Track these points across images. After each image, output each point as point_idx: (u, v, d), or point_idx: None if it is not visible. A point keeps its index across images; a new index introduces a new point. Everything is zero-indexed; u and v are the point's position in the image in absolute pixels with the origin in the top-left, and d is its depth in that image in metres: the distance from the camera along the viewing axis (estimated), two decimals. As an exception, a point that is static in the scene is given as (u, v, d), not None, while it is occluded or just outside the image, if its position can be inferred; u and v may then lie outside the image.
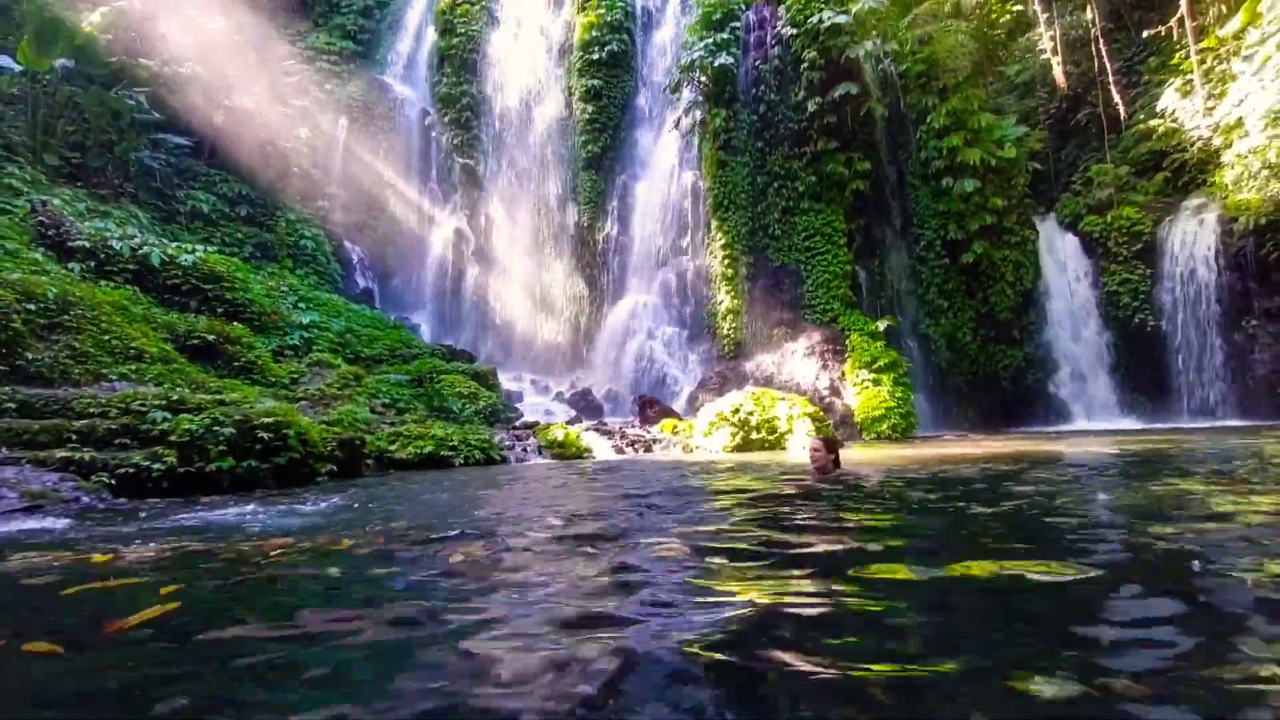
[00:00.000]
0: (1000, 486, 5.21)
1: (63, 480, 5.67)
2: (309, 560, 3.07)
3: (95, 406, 6.81)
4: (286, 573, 2.83)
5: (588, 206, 20.27)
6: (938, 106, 16.73)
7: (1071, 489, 4.99)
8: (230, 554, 3.23)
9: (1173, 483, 4.89)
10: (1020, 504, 4.14)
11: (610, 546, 3.07)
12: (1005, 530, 3.30)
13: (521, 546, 3.18)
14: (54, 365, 8.09)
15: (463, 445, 9.43)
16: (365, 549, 3.26)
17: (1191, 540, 2.77)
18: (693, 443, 11.58)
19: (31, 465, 5.80)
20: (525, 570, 2.64)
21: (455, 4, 22.35)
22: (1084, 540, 2.89)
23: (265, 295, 14.49)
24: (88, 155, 15.44)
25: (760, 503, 4.72)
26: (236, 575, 2.78)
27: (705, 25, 18.04)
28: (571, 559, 2.84)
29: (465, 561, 2.84)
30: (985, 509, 3.98)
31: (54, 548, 3.61)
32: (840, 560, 2.62)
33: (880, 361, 15.08)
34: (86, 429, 6.47)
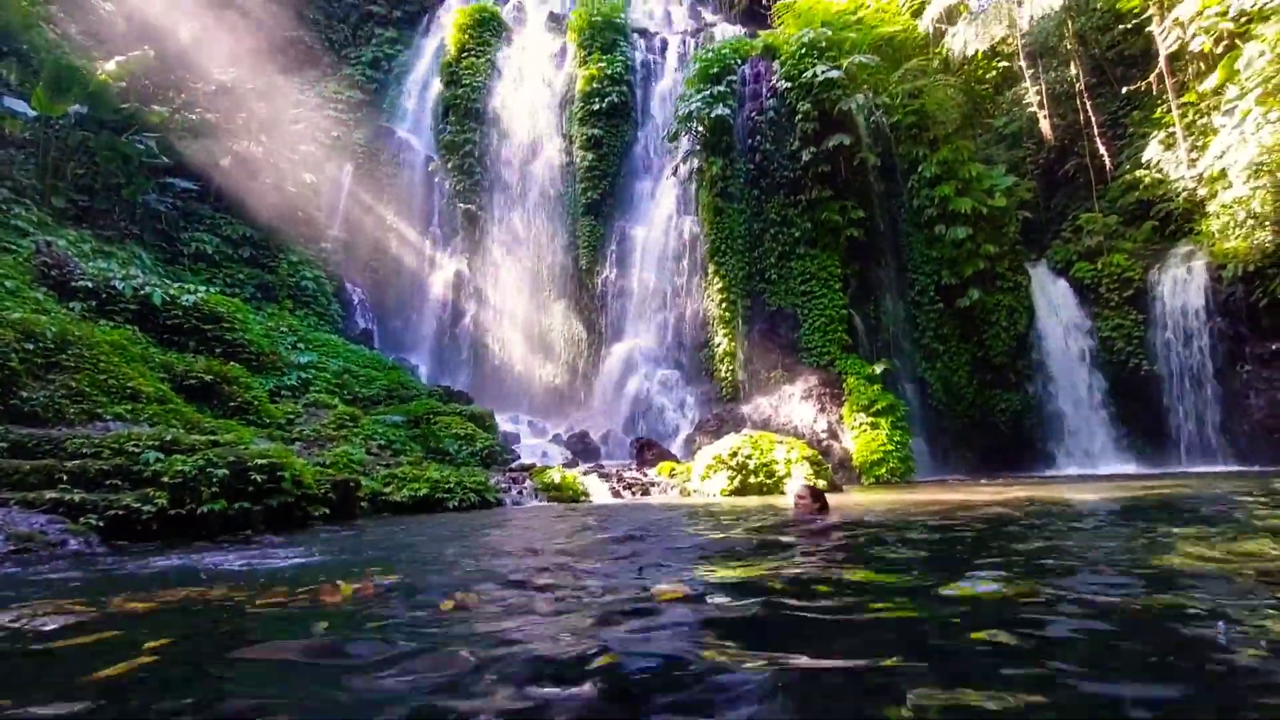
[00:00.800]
0: (998, 540, 5.15)
1: (51, 523, 5.59)
2: (286, 616, 3.02)
3: (88, 446, 6.76)
4: (254, 625, 2.78)
5: (587, 250, 20.55)
6: (928, 157, 17.15)
7: (1070, 550, 4.93)
8: (209, 605, 3.18)
9: (1185, 548, 4.84)
10: (1033, 570, 4.09)
11: (604, 611, 3.00)
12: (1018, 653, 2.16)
13: (507, 603, 3.11)
14: (49, 405, 8.06)
15: (458, 488, 9.34)
16: (347, 604, 3.20)
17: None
18: (690, 486, 11.48)
19: (20, 507, 5.73)
20: (509, 629, 2.53)
21: (461, 56, 23.08)
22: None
23: (264, 335, 14.55)
24: (95, 198, 15.70)
25: (755, 555, 4.65)
26: (219, 629, 2.73)
27: (703, 78, 18.62)
28: (554, 626, 2.59)
29: (456, 613, 2.78)
30: (990, 577, 3.92)
31: (36, 595, 3.55)
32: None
33: (878, 405, 15.07)
34: (78, 469, 6.41)
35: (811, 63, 17.00)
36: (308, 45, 25.54)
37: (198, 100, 17.80)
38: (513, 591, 3.24)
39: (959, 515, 6.53)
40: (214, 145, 17.65)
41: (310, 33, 25.85)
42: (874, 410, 14.99)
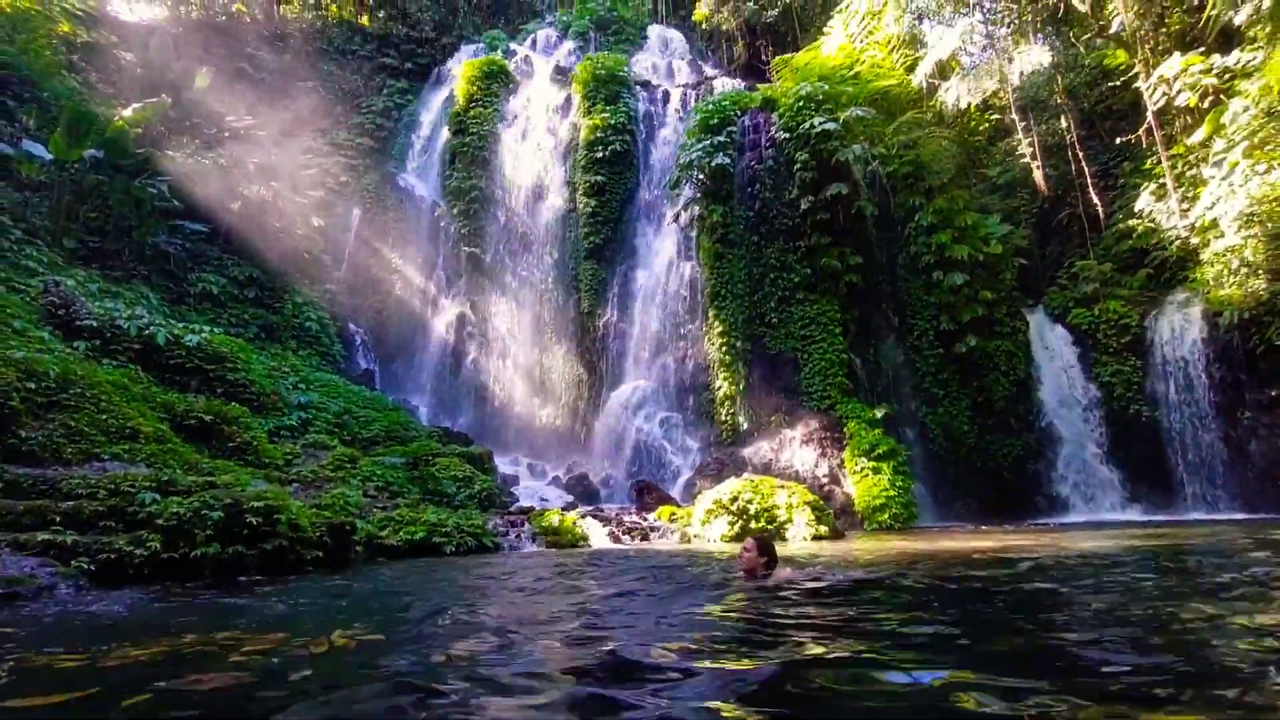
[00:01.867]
0: (993, 596, 5.01)
1: (42, 565, 5.53)
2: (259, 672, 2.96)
3: (84, 487, 6.73)
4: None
5: (589, 294, 20.75)
6: (925, 205, 17.47)
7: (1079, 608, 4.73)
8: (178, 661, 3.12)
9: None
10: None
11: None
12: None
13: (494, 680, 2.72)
14: (47, 444, 8.05)
15: (455, 532, 9.23)
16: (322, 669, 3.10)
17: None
18: (690, 531, 11.33)
19: (11, 549, 5.67)
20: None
21: (469, 106, 23.75)
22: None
23: (266, 375, 14.59)
24: (106, 239, 15.97)
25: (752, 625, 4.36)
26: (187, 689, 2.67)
27: (703, 128, 19.12)
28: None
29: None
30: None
31: (18, 644, 3.49)
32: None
33: (879, 449, 14.98)
34: (73, 510, 6.36)
35: (809, 115, 17.48)
36: (321, 94, 26.32)
37: (210, 146, 18.26)
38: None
39: (952, 571, 6.40)
40: (225, 189, 18.02)
41: (324, 82, 26.69)
42: (875, 455, 14.89)
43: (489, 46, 27.91)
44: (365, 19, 31.01)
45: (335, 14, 31.00)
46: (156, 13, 30.69)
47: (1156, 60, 16.20)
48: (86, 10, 22.68)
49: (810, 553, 8.78)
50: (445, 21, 31.03)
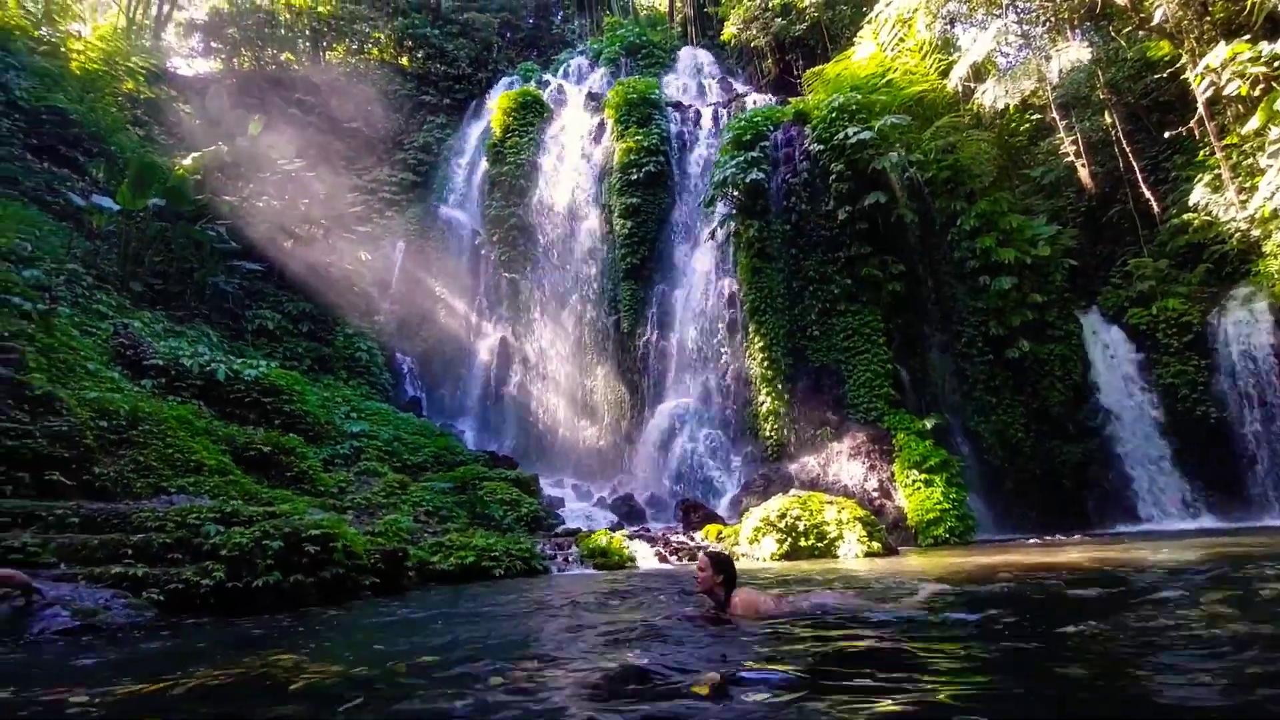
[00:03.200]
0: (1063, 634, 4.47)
1: (115, 597, 5.78)
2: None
3: (153, 520, 7.03)
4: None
5: (628, 314, 20.88)
6: (967, 210, 17.08)
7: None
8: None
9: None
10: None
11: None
12: None
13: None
14: (119, 479, 8.47)
15: (504, 556, 9.31)
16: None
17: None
18: (738, 550, 11.17)
19: (87, 582, 5.95)
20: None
21: (506, 137, 24.37)
22: None
23: (320, 406, 15.07)
24: (169, 281, 16.84)
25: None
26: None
27: (736, 145, 19.17)
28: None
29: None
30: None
31: (92, 677, 3.65)
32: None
33: (931, 461, 14.56)
34: (143, 543, 6.66)
35: (843, 125, 17.36)
36: (365, 134, 27.40)
37: (264, 189, 19.14)
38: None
39: (1030, 591, 6.14)
40: (278, 229, 18.84)
41: (367, 123, 27.77)
42: (927, 467, 14.47)
43: (523, 78, 28.66)
44: (405, 60, 32.23)
45: (376, 56, 32.31)
46: (212, 66, 32.55)
47: (1202, 50, 15.58)
48: (149, 68, 24.19)
49: (852, 571, 8.56)
50: (481, 57, 32.01)
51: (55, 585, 5.63)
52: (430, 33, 31.54)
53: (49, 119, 18.39)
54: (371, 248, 22.51)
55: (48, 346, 10.10)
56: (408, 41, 31.96)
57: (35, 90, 18.73)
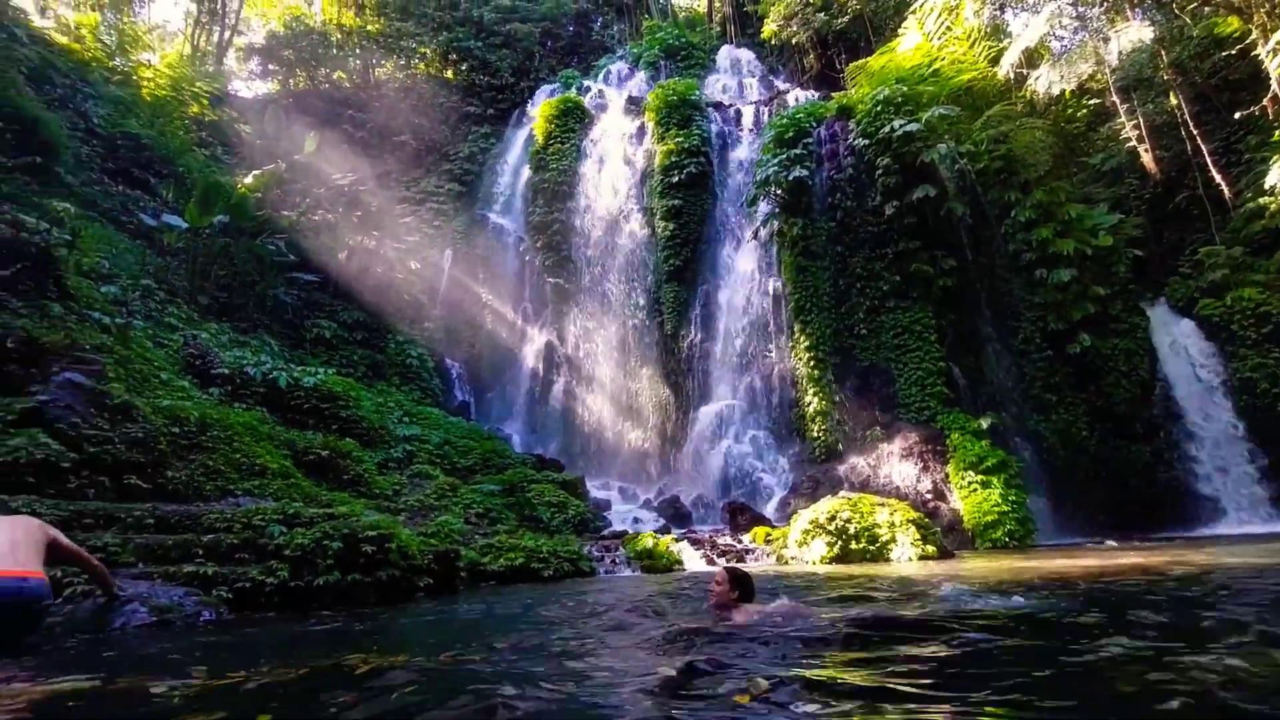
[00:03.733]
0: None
1: (188, 595, 6.09)
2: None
3: (221, 521, 7.38)
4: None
5: (672, 316, 20.88)
6: (1021, 201, 16.50)
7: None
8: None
9: None
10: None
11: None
12: None
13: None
14: (190, 482, 8.92)
15: (552, 557, 9.43)
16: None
17: None
18: (787, 553, 11.03)
19: (162, 580, 6.29)
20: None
21: (548, 144, 24.71)
22: None
23: (374, 411, 15.54)
24: (233, 294, 17.65)
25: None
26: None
27: (778, 143, 18.98)
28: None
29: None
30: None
31: (170, 669, 3.84)
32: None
33: (987, 462, 14.10)
34: (213, 543, 6.99)
35: (889, 118, 17.00)
36: (413, 147, 28.22)
37: (319, 203, 19.90)
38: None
39: (1100, 595, 5.89)
40: (333, 241, 19.56)
41: (414, 136, 28.58)
42: (984, 468, 14.01)
43: (564, 85, 29.01)
44: (450, 73, 33.04)
45: (423, 70, 33.19)
46: (269, 87, 34.01)
47: (1274, 25, 14.68)
48: (212, 92, 25.45)
49: (904, 574, 8.34)
50: (523, 66, 32.57)
51: (134, 583, 5.96)
52: (474, 45, 32.26)
53: (123, 144, 19.55)
54: (420, 257, 23.13)
55: (125, 358, 10.72)
56: (452, 55, 32.75)
57: (111, 117, 19.94)
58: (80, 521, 6.68)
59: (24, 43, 17.62)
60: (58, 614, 5.46)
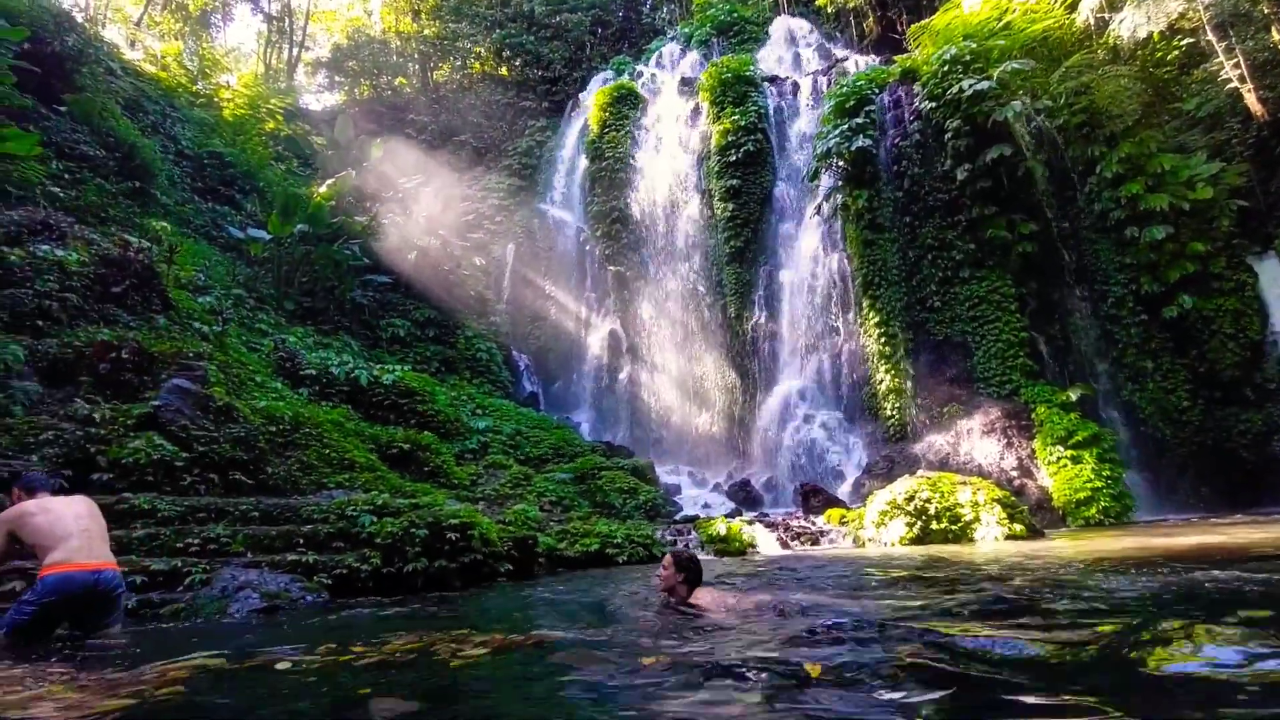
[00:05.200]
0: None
1: (293, 581, 6.54)
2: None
3: (318, 513, 7.87)
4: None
5: (734, 298, 20.68)
6: (1107, 155, 15.39)
7: None
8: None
9: None
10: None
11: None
12: None
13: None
14: (287, 477, 9.53)
15: (626, 543, 9.58)
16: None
17: None
18: (864, 535, 10.82)
19: (269, 568, 6.77)
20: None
21: (603, 133, 24.80)
22: None
23: (449, 405, 16.14)
24: (315, 298, 18.64)
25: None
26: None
27: (839, 113, 18.37)
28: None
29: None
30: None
31: (289, 646, 4.15)
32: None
33: (1078, 435, 13.36)
34: (311, 533, 7.47)
35: (957, 78, 16.16)
36: (473, 146, 28.91)
37: (388, 206, 20.70)
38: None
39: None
40: (402, 243, 20.33)
41: (473, 135, 29.25)
42: (1074, 442, 13.29)
43: (616, 72, 28.98)
44: (504, 69, 33.57)
45: (478, 70, 33.87)
46: (337, 99, 35.49)
47: None
48: (286, 108, 26.78)
49: (989, 555, 8.03)
50: (575, 57, 32.72)
51: (245, 571, 6.46)
52: (526, 40, 32.62)
53: (210, 163, 20.87)
54: (484, 253, 23.76)
55: (224, 363, 11.52)
56: (505, 51, 33.24)
57: (197, 138, 21.31)
58: (195, 515, 7.27)
59: (118, 75, 19.02)
60: (180, 600, 5.99)
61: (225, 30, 45.95)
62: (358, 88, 35.61)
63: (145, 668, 3.25)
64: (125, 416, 8.12)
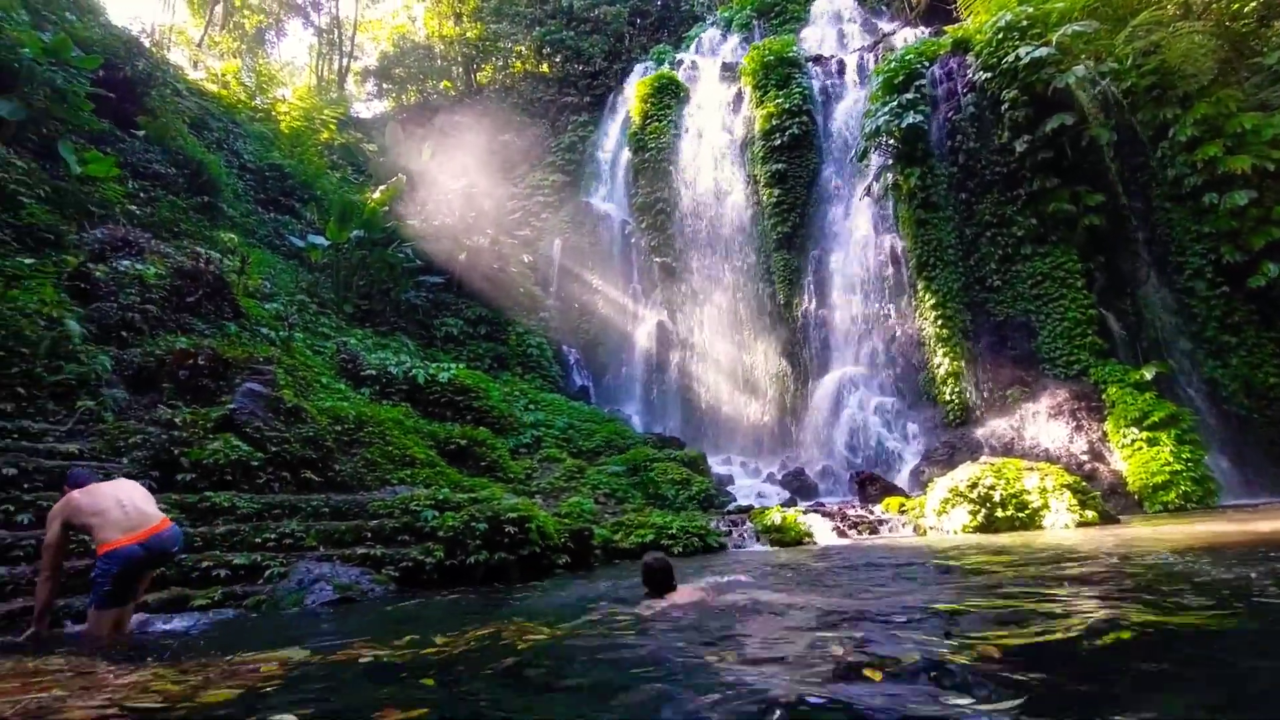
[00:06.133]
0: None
1: (363, 574, 6.83)
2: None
3: (383, 508, 8.18)
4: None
5: (783, 285, 20.39)
6: (1181, 117, 14.47)
7: None
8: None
9: None
10: None
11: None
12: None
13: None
14: (354, 474, 9.92)
15: (681, 534, 9.61)
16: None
17: None
18: (924, 523, 10.57)
19: (341, 561, 7.08)
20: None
21: (645, 124, 24.73)
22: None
23: (502, 401, 16.47)
24: (372, 301, 19.26)
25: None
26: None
27: (887, 89, 17.83)
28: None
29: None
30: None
31: (368, 637, 4.33)
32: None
33: (1154, 416, 12.69)
34: (378, 528, 7.78)
35: (1013, 45, 15.48)
36: (517, 144, 29.25)
37: (439, 209, 21.18)
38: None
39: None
40: (453, 243, 20.78)
41: (517, 134, 29.61)
42: (1149, 423, 12.63)
43: (656, 61, 28.82)
44: (545, 66, 33.82)
45: (519, 69, 34.23)
46: (385, 105, 36.45)
47: None
48: (338, 117, 27.67)
49: (1059, 544, 7.71)
50: (614, 49, 32.69)
51: (318, 564, 6.76)
52: (565, 35, 32.76)
53: (270, 175, 21.78)
54: (531, 250, 24.06)
55: (291, 366, 12.04)
56: (546, 49, 33.46)
57: (258, 152, 22.25)
58: (271, 512, 7.65)
59: (184, 96, 20.01)
60: (261, 592, 6.33)
61: (279, 45, 47.72)
62: (405, 94, 36.50)
63: (246, 655, 3.46)
64: (204, 420, 8.59)
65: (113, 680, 3.03)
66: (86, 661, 3.62)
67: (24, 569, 5.62)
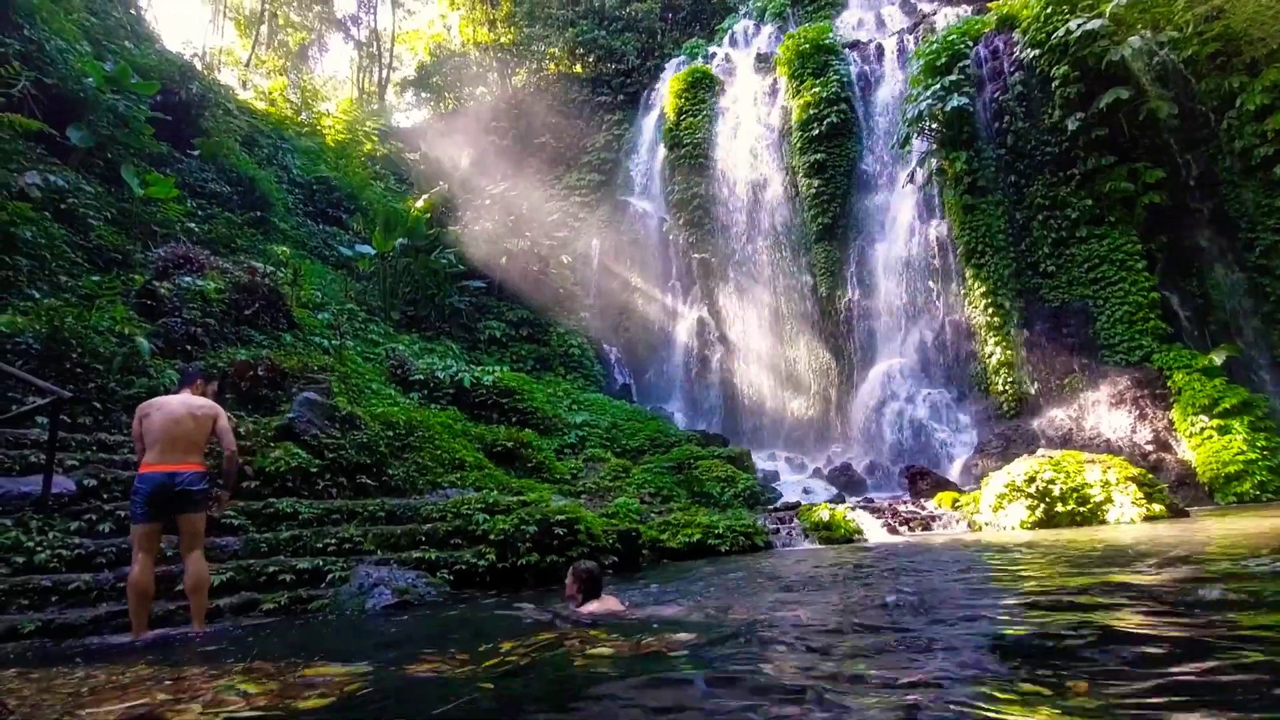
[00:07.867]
0: None
1: (419, 577, 6.99)
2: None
3: (436, 512, 8.37)
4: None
5: (825, 277, 20.06)
6: (1249, 85, 13.68)
7: None
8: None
9: None
10: None
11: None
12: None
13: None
14: (406, 479, 10.18)
15: (728, 532, 9.58)
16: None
17: None
18: (979, 519, 10.28)
19: (398, 565, 7.28)
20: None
21: (680, 119, 24.62)
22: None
23: (546, 401, 16.66)
24: (418, 307, 19.70)
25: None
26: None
27: (929, 72, 17.35)
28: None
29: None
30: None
31: (433, 648, 4.44)
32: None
33: (1225, 402, 12.07)
34: (431, 531, 7.96)
35: (1062, 19, 14.89)
36: (553, 145, 29.50)
37: (479, 213, 21.53)
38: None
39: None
40: (493, 248, 21.09)
41: (552, 135, 29.84)
42: (1220, 410, 12.02)
43: (689, 56, 28.63)
44: (578, 67, 33.95)
45: (553, 70, 34.45)
46: (424, 114, 37.19)
47: None
48: (379, 128, 28.36)
49: (1124, 540, 7.40)
50: (647, 46, 32.61)
51: (376, 569, 6.97)
52: (598, 35, 32.82)
53: (318, 188, 22.47)
54: (570, 250, 24.22)
55: (344, 374, 12.43)
56: (579, 49, 33.58)
57: (305, 166, 22.98)
58: (330, 517, 7.92)
59: (235, 115, 20.78)
60: (325, 596, 6.56)
61: (322, 61, 49.19)
62: (443, 101, 37.15)
63: (315, 660, 3.58)
64: (265, 428, 8.93)
65: (202, 685, 3.18)
66: (172, 670, 3.81)
67: (107, 575, 5.96)
